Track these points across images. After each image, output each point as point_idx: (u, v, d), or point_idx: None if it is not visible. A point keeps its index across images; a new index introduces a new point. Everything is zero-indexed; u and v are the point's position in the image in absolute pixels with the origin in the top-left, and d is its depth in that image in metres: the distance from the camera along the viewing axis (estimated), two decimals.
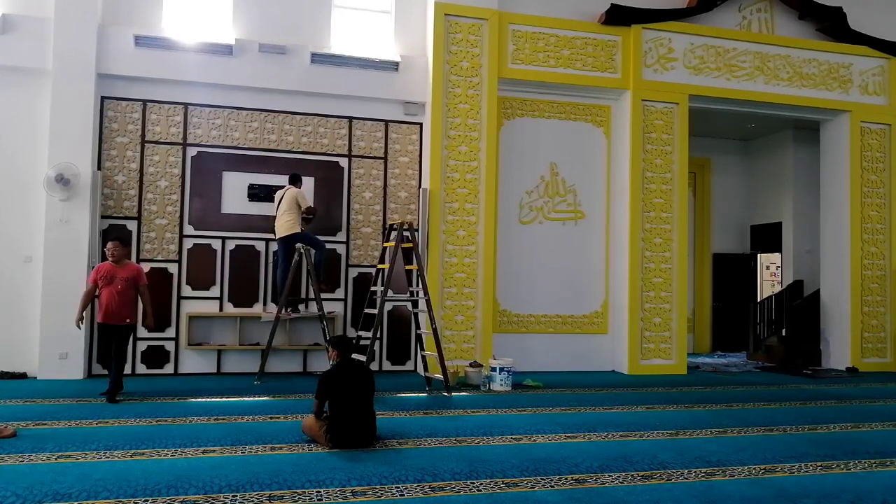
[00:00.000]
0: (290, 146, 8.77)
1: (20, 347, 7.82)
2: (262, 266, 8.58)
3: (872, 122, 10.55)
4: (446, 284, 8.64)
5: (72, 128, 7.86)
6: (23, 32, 7.88)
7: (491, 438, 5.31)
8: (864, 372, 10.05)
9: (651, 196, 9.48)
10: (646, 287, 9.38)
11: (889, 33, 10.55)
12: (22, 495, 3.72)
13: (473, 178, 8.79)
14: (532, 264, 9.33)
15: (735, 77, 9.92)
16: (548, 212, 9.48)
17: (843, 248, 10.46)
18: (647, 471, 4.48)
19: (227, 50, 8.41)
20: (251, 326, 8.42)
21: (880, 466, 4.76)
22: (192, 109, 8.50)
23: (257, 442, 4.99)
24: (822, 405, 7.23)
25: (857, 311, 10.32)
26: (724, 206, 13.11)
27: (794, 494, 4.06)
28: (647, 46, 9.53)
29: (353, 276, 8.89)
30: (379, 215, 9.02)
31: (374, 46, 9.06)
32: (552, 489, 4.07)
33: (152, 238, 8.29)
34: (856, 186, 10.42)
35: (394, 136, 9.13)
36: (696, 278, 12.67)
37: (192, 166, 8.46)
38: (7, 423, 5.26)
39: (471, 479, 4.18)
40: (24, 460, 4.42)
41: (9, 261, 7.90)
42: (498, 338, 8.89)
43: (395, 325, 8.97)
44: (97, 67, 8.02)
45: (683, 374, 9.39)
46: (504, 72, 9.02)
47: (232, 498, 3.76)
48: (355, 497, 3.86)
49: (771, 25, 10.24)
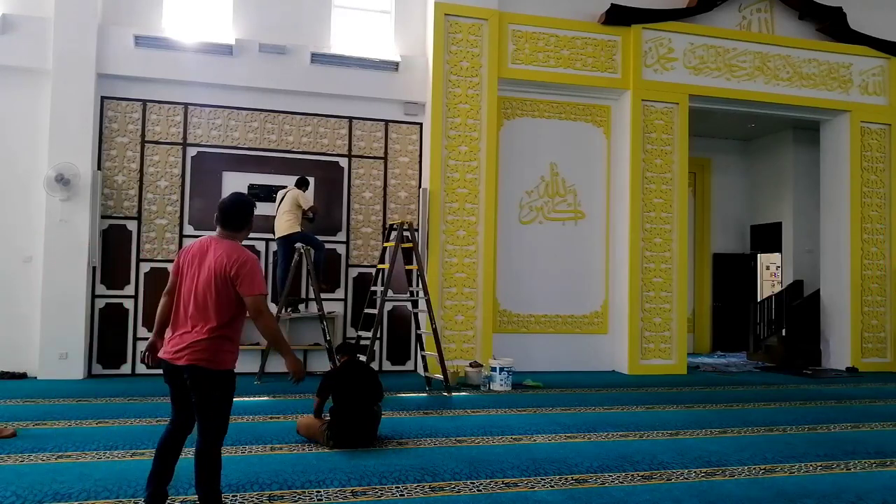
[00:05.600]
0: (290, 146, 8.77)
1: (20, 347, 7.82)
2: (262, 266, 8.56)
3: (872, 122, 10.55)
4: (446, 284, 8.64)
5: (72, 128, 7.86)
6: (23, 32, 7.88)
7: (491, 438, 5.31)
8: (864, 372, 10.05)
9: (651, 196, 9.48)
10: (646, 287, 9.38)
11: (889, 33, 10.55)
12: (22, 495, 3.72)
13: (473, 178, 8.79)
14: (532, 264, 9.33)
15: (735, 77, 9.92)
16: (548, 212, 9.47)
17: (843, 248, 10.46)
18: (647, 471, 4.48)
19: (227, 50, 8.41)
20: (251, 326, 8.38)
21: (880, 466, 4.76)
22: (192, 109, 8.50)
23: (257, 442, 4.99)
24: (822, 405, 7.23)
25: (857, 311, 10.32)
26: (724, 206, 13.11)
27: (794, 494, 4.06)
28: (646, 46, 9.53)
29: (353, 276, 8.89)
30: (379, 215, 9.02)
31: (374, 46, 9.06)
32: (552, 489, 4.07)
33: (152, 238, 8.29)
34: (856, 186, 10.42)
35: (394, 136, 9.13)
36: (696, 278, 12.67)
37: (192, 166, 8.46)
38: (7, 423, 5.26)
39: (471, 479, 4.18)
40: (24, 460, 4.42)
41: (9, 261, 7.89)
42: (498, 338, 8.88)
43: (395, 325, 8.97)
44: (97, 67, 8.02)
45: (683, 374, 9.39)
46: (504, 72, 9.01)
47: (232, 498, 3.76)
48: (355, 497, 3.86)
49: (771, 25, 10.24)
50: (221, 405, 3.30)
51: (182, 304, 3.30)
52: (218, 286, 3.22)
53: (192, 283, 3.27)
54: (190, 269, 3.31)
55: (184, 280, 3.32)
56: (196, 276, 3.27)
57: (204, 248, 3.32)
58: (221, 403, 3.30)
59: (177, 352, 3.23)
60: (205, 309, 3.22)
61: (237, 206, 3.43)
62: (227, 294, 3.23)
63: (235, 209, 3.41)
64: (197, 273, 3.27)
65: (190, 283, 3.28)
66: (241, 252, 3.27)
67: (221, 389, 3.27)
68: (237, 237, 3.39)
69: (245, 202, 3.48)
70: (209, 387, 3.25)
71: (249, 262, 3.27)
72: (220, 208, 3.39)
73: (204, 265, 3.26)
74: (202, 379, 3.23)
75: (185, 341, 3.22)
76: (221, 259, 3.23)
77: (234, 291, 3.23)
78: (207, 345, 3.21)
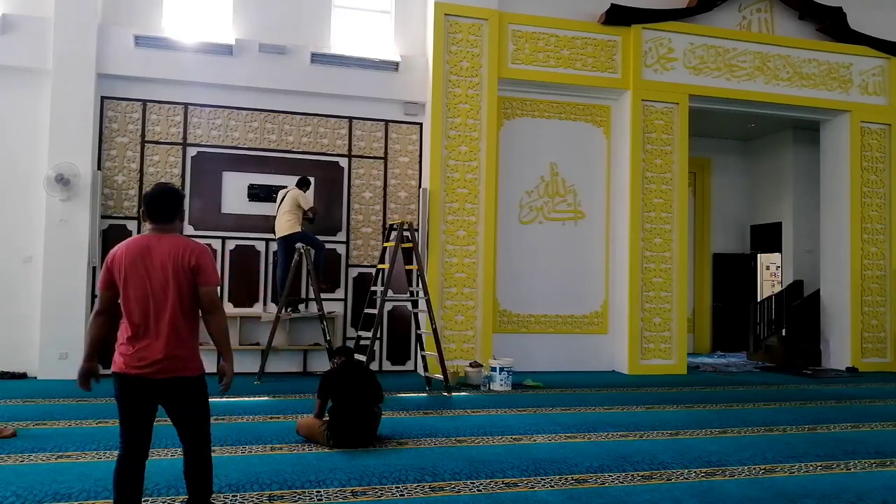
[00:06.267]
0: (290, 146, 8.77)
1: (20, 347, 7.82)
2: (262, 266, 8.58)
3: (872, 122, 10.55)
4: (446, 284, 8.64)
5: (72, 128, 7.86)
6: (23, 32, 7.88)
7: (491, 438, 5.31)
8: (864, 372, 10.05)
9: (651, 196, 9.48)
10: (646, 287, 9.38)
11: (889, 33, 10.55)
12: (22, 495, 3.72)
13: (473, 178, 8.79)
14: (532, 264, 9.33)
15: (735, 77, 9.92)
16: (548, 212, 9.47)
17: (843, 248, 10.46)
18: (647, 471, 4.48)
19: (227, 50, 8.41)
20: (251, 326, 8.42)
21: (880, 466, 4.76)
22: (192, 109, 8.50)
23: (257, 442, 4.99)
24: (822, 405, 7.23)
25: (857, 311, 10.32)
26: (724, 206, 13.11)
27: (794, 494, 4.06)
28: (646, 46, 9.53)
29: (353, 276, 8.89)
30: (379, 215, 9.02)
31: (374, 46, 9.06)
32: (552, 489, 4.07)
33: None
34: (856, 186, 10.42)
35: (394, 136, 9.13)
36: (696, 278, 12.67)
37: (192, 166, 8.46)
38: (7, 423, 5.26)
39: (471, 479, 4.18)
40: (24, 460, 4.42)
41: (9, 261, 7.89)
42: (498, 338, 8.88)
43: (395, 325, 8.97)
44: (97, 67, 8.02)
45: (683, 374, 9.39)
46: (504, 72, 9.01)
47: (232, 498, 3.76)
48: (355, 497, 3.86)
49: (771, 25, 10.24)
50: (207, 407, 3.19)
51: (137, 314, 2.99)
52: (180, 283, 3.00)
53: (144, 288, 2.98)
54: (133, 273, 2.98)
55: (128, 288, 2.99)
56: (146, 278, 2.98)
57: (144, 249, 3.02)
58: (207, 406, 3.19)
59: (150, 365, 2.98)
60: (169, 312, 2.98)
61: (164, 197, 3.14)
62: (189, 290, 3.03)
63: (163, 200, 3.12)
64: (146, 276, 2.98)
65: (140, 288, 2.98)
66: (193, 242, 3.09)
67: (205, 392, 3.16)
68: (173, 229, 3.13)
69: (171, 191, 3.20)
70: (197, 394, 3.11)
71: (206, 252, 3.11)
72: (146, 201, 3.12)
73: (153, 265, 2.98)
74: (190, 388, 3.08)
75: (159, 352, 2.97)
76: (176, 252, 3.00)
77: (193, 285, 3.03)
78: (185, 351, 3.04)
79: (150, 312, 2.99)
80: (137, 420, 3.07)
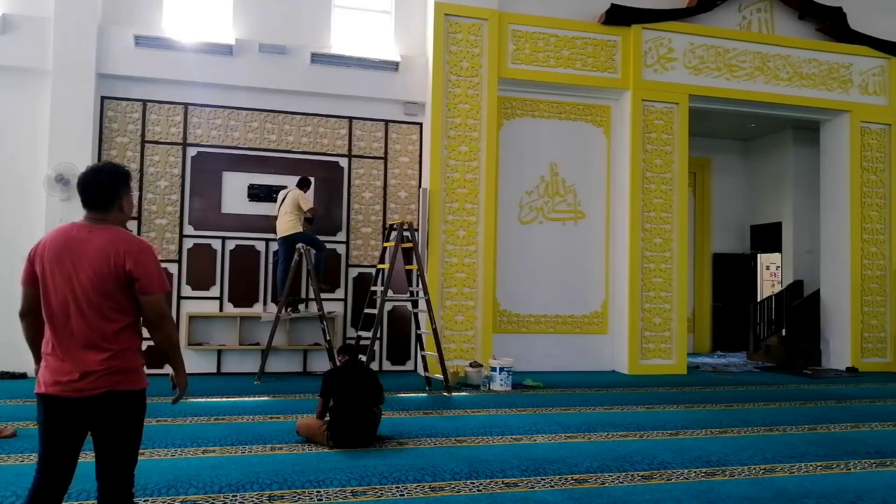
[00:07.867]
0: (290, 146, 8.77)
1: (20, 347, 7.69)
2: (262, 266, 8.58)
3: (872, 122, 10.55)
4: (446, 284, 8.64)
5: (72, 128, 7.86)
6: (23, 32, 7.88)
7: (491, 438, 5.31)
8: (864, 372, 10.05)
9: (651, 196, 9.48)
10: (646, 287, 9.38)
11: (889, 33, 10.55)
12: (22, 495, 3.71)
13: (473, 178, 8.79)
14: (532, 264, 9.33)
15: (735, 77, 9.92)
16: (548, 212, 9.47)
17: (843, 248, 10.46)
18: (647, 471, 4.48)
19: (227, 50, 8.41)
20: (251, 326, 8.42)
21: (880, 466, 4.76)
22: (192, 109, 8.50)
23: (257, 442, 4.99)
24: (822, 405, 7.23)
25: (857, 311, 10.32)
26: (724, 206, 13.11)
27: (794, 494, 4.06)
28: (646, 46, 9.53)
29: (353, 276, 8.89)
30: (379, 215, 9.02)
31: (374, 46, 9.06)
32: (552, 489, 4.07)
33: (152, 238, 8.29)
34: (856, 186, 10.42)
35: (394, 136, 9.14)
36: (696, 278, 12.67)
37: (192, 166, 8.46)
38: (7, 423, 5.27)
39: (471, 479, 4.18)
40: (24, 460, 4.42)
41: (9, 261, 7.86)
42: (498, 338, 8.88)
43: (395, 325, 8.97)
44: (97, 67, 8.02)
45: (683, 374, 9.39)
46: (504, 72, 9.01)
47: (232, 498, 3.76)
48: (355, 497, 3.86)
49: (771, 25, 10.24)
50: (140, 429, 2.60)
51: (61, 318, 2.50)
52: (109, 285, 2.46)
53: (70, 288, 2.47)
54: (56, 270, 2.49)
55: (48, 287, 2.50)
56: (72, 277, 2.47)
57: (71, 241, 2.49)
58: (140, 427, 2.60)
59: (79, 380, 2.45)
60: (101, 316, 2.47)
61: (100, 175, 2.55)
62: (124, 293, 2.50)
63: (98, 180, 2.55)
64: (72, 273, 2.47)
65: (64, 288, 2.47)
66: (131, 239, 2.52)
67: (142, 412, 2.60)
68: (110, 220, 2.56)
69: (108, 168, 2.60)
70: (134, 411, 2.55)
71: (146, 251, 2.52)
72: (79, 184, 2.56)
73: (80, 264, 2.46)
74: (127, 404, 2.52)
75: (89, 365, 2.45)
76: (107, 250, 2.47)
77: (131, 289, 2.50)
78: (121, 361, 2.49)
79: (74, 319, 2.48)
80: (60, 449, 2.49)
